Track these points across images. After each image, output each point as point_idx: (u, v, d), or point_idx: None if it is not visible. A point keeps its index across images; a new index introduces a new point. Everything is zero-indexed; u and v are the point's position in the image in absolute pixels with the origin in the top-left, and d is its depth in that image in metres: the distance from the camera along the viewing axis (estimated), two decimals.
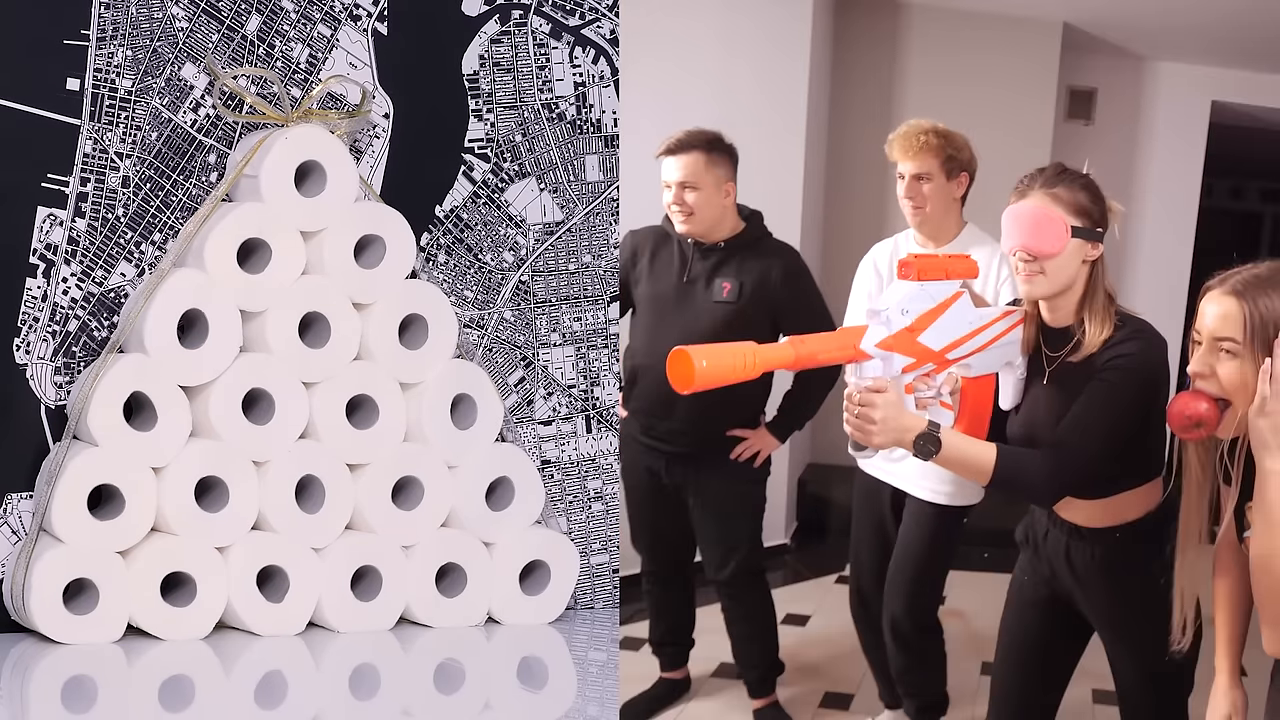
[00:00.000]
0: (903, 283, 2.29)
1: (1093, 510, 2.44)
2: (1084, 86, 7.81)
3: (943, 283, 2.31)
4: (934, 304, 2.29)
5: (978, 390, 2.44)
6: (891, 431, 2.20)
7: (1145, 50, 7.77)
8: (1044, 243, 2.32)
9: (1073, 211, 2.35)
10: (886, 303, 2.26)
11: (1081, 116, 7.85)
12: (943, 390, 2.40)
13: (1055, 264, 2.33)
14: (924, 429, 2.23)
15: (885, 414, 2.19)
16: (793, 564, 6.05)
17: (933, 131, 3.30)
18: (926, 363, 2.30)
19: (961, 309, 2.34)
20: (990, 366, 2.43)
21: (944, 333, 2.31)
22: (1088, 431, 2.30)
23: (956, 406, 2.44)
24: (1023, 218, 2.35)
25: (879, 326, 2.23)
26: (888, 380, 2.22)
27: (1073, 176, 2.40)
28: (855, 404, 2.22)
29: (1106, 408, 2.31)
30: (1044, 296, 2.38)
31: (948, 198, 3.31)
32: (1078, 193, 2.37)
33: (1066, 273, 2.35)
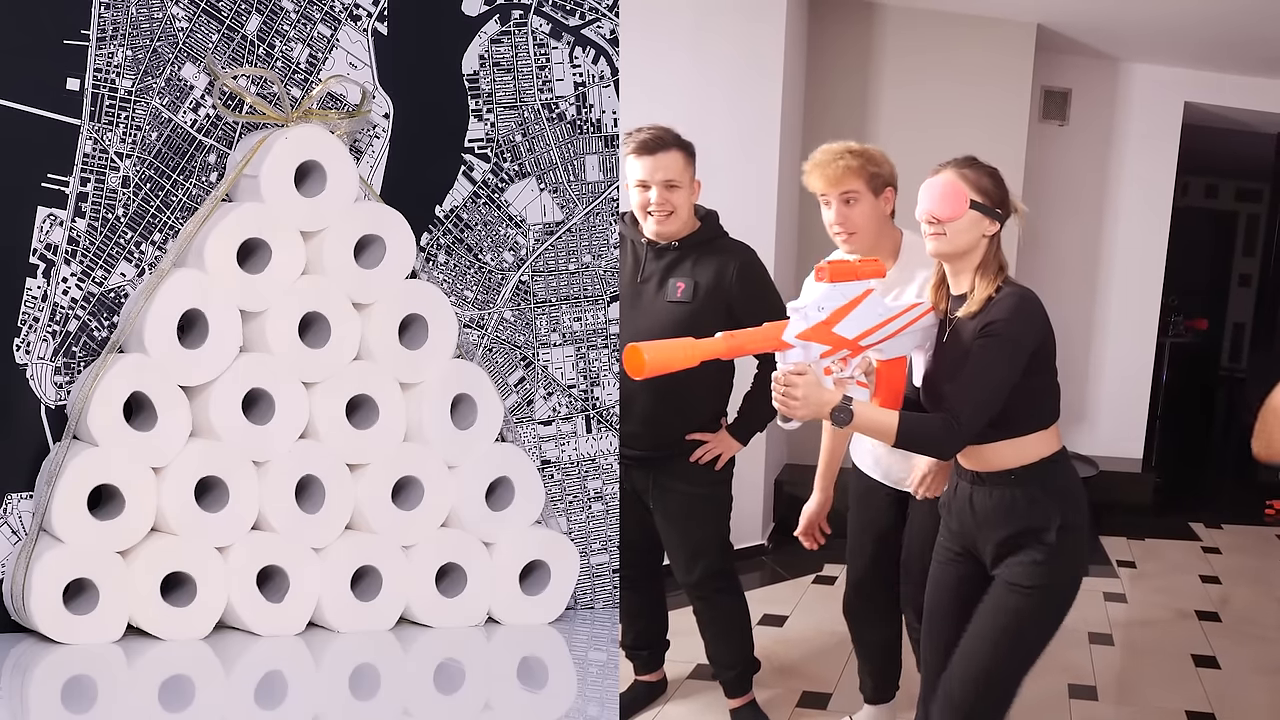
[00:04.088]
0: (818, 284, 2.71)
1: (990, 455, 2.84)
2: (1059, 87, 8.00)
3: (854, 283, 2.70)
4: (846, 300, 2.69)
5: (891, 370, 2.85)
6: (811, 405, 2.66)
7: (1119, 52, 7.84)
8: (945, 208, 2.79)
9: (974, 189, 2.81)
10: (805, 301, 2.69)
11: (1056, 117, 8.04)
12: (857, 371, 2.80)
13: (954, 228, 2.79)
14: (839, 402, 2.67)
15: (805, 392, 2.65)
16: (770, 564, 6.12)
17: (849, 153, 3.38)
18: (842, 349, 2.71)
19: (871, 304, 2.73)
20: (902, 350, 2.84)
21: (857, 323, 2.71)
22: (972, 385, 2.72)
23: (873, 384, 2.85)
24: (932, 188, 2.83)
25: (799, 320, 2.65)
26: (807, 364, 2.66)
27: (982, 164, 2.86)
28: (781, 384, 2.66)
29: (986, 364, 2.72)
30: (943, 254, 2.83)
31: (879, 216, 3.39)
32: (982, 176, 2.83)
33: (964, 238, 2.80)
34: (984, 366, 2.72)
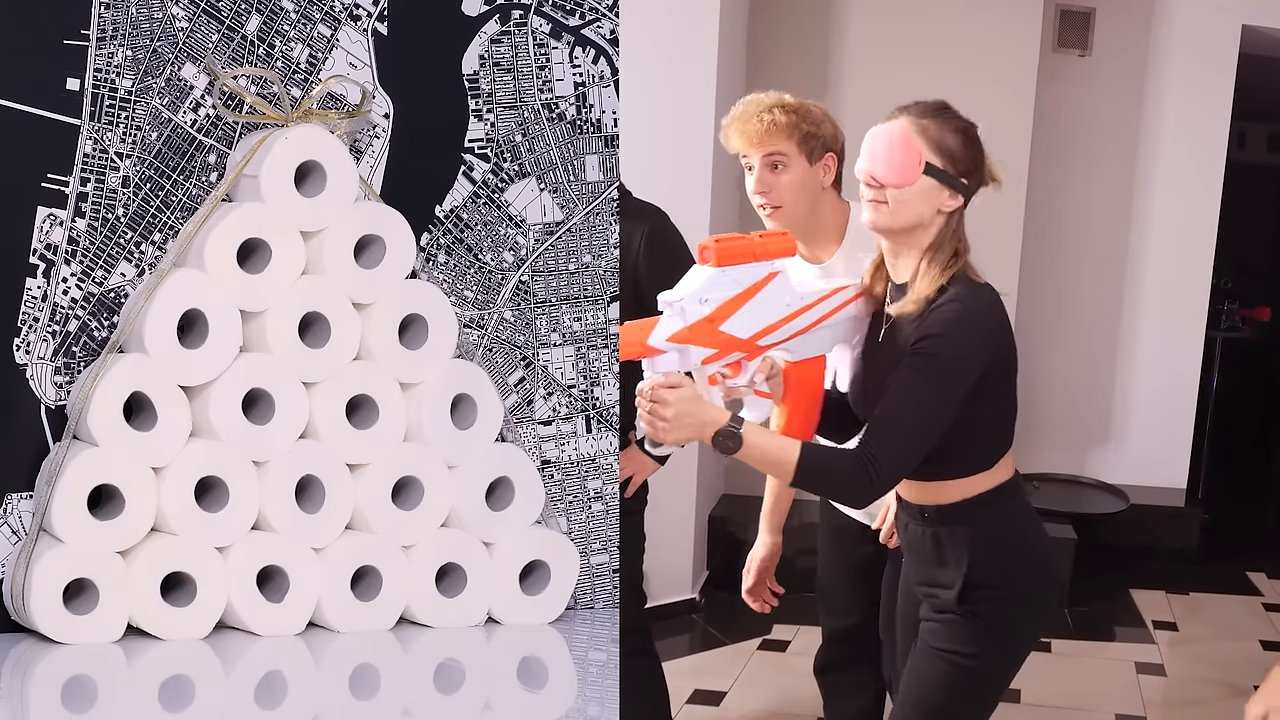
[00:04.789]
0: (701, 269, 2.12)
1: (928, 491, 2.32)
2: (1079, 5, 6.08)
3: (750, 265, 2.13)
4: (739, 289, 2.13)
5: (803, 374, 2.28)
6: (687, 428, 2.10)
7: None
8: (892, 170, 2.17)
9: (934, 148, 2.18)
10: (682, 292, 2.10)
11: (1076, 45, 6.15)
12: (756, 377, 2.26)
13: (899, 197, 2.17)
14: (724, 424, 2.11)
15: (679, 410, 2.08)
16: (702, 625, 4.90)
17: (779, 107, 2.72)
18: (733, 352, 2.15)
19: (775, 291, 2.17)
20: (818, 348, 2.28)
21: (753, 318, 2.15)
22: (894, 425, 2.15)
23: (778, 392, 2.30)
24: (879, 139, 2.19)
25: (673, 318, 2.09)
26: (681, 375, 2.10)
27: (951, 116, 2.22)
28: (646, 400, 2.11)
29: (911, 396, 2.15)
30: (883, 230, 2.22)
31: (813, 189, 2.74)
32: (947, 133, 2.20)
33: (911, 211, 2.18)
34: (909, 399, 2.15)
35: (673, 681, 3.38)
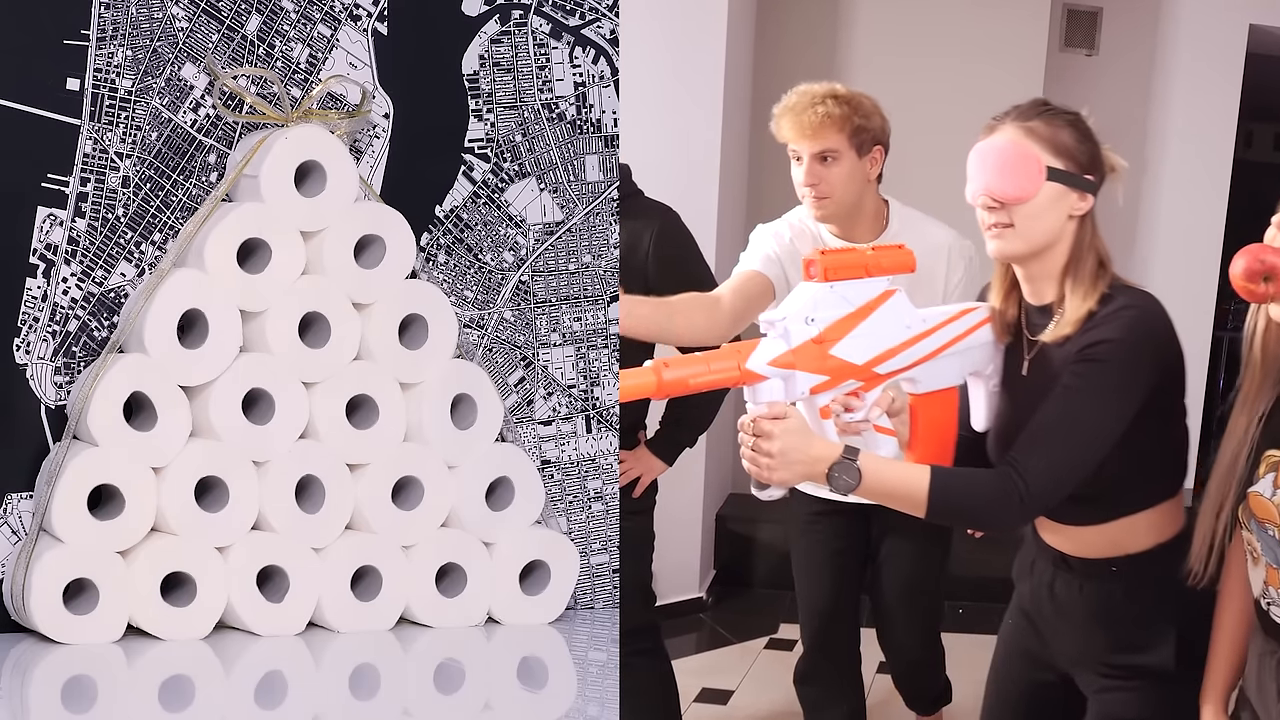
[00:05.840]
0: (807, 285, 1.91)
1: (1085, 537, 2.05)
2: (1086, 5, 6.09)
3: (862, 282, 1.92)
4: (850, 308, 1.91)
5: (932, 409, 2.03)
6: (797, 465, 1.86)
7: None
8: (1012, 184, 1.93)
9: (1051, 150, 1.95)
10: (785, 311, 1.89)
11: (1083, 44, 6.15)
12: (875, 412, 2.04)
13: (1026, 213, 1.94)
14: (838, 457, 1.86)
15: (785, 444, 1.84)
16: (710, 624, 4.93)
17: (832, 98, 2.69)
18: (846, 380, 1.92)
19: (894, 310, 1.95)
20: (946, 379, 2.03)
21: (869, 342, 1.92)
22: (1053, 440, 1.91)
23: (904, 431, 2.06)
24: (988, 155, 1.96)
25: (776, 340, 1.87)
26: (786, 405, 1.87)
27: (1056, 112, 2.00)
28: (749, 434, 1.87)
29: (1078, 405, 1.91)
30: (1016, 257, 1.99)
31: (860, 181, 2.74)
32: (1060, 129, 1.98)
33: (1042, 226, 1.95)
34: (1075, 408, 1.89)
35: (680, 680, 3.35)
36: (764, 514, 2.82)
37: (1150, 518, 2.03)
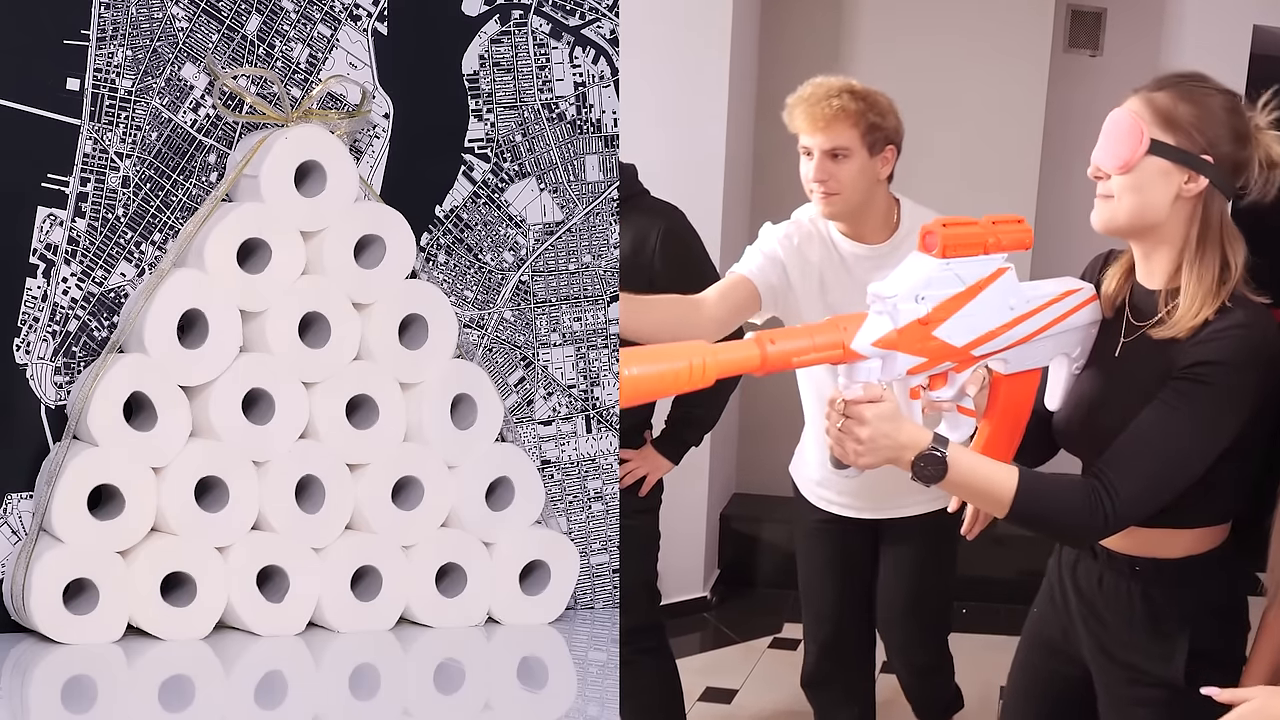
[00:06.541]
0: (921, 259, 1.79)
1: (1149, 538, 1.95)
2: (1090, 6, 5.94)
3: (979, 259, 1.81)
4: (961, 287, 1.80)
5: (1014, 389, 1.96)
6: (883, 450, 1.78)
7: None
8: (1110, 153, 1.84)
9: (1162, 123, 1.84)
10: (896, 288, 1.78)
11: (1087, 45, 5.98)
12: (966, 390, 1.94)
13: (1126, 185, 1.83)
14: (926, 447, 1.78)
15: (875, 430, 1.76)
16: (714, 623, 4.88)
17: (848, 92, 2.65)
18: (943, 361, 1.84)
19: (1001, 291, 1.84)
20: (1037, 360, 1.95)
21: (972, 323, 1.83)
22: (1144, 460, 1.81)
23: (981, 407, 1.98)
24: (1107, 123, 1.88)
25: (881, 317, 1.77)
26: (882, 388, 1.79)
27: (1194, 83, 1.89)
28: (838, 414, 1.80)
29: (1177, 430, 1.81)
30: (1115, 229, 1.89)
31: (870, 180, 2.70)
32: (1181, 103, 1.85)
33: (1137, 200, 1.84)
34: (1173, 429, 1.80)
35: (684, 679, 3.34)
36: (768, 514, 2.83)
37: (1197, 531, 1.95)
